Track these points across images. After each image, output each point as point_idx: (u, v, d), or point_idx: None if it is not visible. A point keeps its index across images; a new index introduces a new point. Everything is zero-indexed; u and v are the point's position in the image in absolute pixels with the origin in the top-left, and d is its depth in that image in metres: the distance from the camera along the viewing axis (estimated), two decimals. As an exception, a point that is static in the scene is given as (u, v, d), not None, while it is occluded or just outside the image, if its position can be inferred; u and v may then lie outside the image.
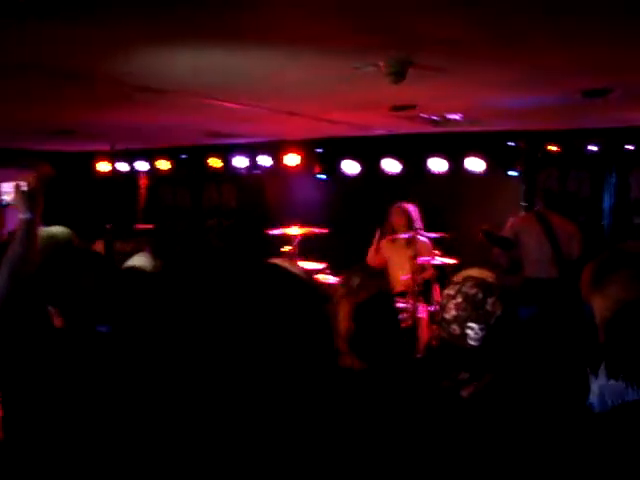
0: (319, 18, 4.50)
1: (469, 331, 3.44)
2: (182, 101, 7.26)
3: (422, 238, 8.91)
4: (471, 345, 3.45)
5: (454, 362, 3.45)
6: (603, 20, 4.54)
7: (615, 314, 2.95)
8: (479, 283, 3.50)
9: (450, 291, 3.60)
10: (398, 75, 5.27)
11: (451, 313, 3.52)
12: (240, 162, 11.57)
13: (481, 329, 3.42)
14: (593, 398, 3.06)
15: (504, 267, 8.72)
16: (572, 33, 4.85)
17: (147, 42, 5.12)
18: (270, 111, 7.97)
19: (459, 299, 3.49)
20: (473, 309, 3.44)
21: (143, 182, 12.73)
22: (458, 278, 3.59)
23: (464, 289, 3.51)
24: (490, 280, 3.52)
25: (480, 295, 3.44)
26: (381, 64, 5.30)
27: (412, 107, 7.64)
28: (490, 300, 3.41)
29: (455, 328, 3.47)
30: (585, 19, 4.52)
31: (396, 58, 5.21)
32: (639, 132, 9.60)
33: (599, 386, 3.09)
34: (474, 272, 3.71)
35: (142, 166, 12.22)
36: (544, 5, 4.20)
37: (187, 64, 5.79)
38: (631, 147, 9.66)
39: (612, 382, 3.08)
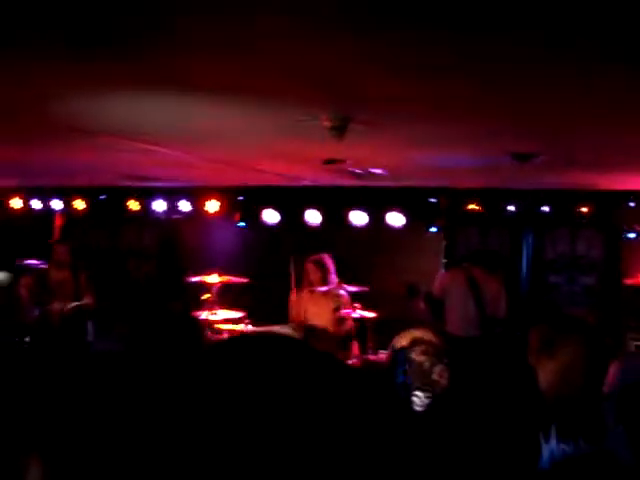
0: (263, 71, 4.49)
1: (415, 398, 3.42)
2: (110, 142, 7.13)
3: (341, 291, 8.89)
4: (415, 410, 3.43)
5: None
6: (539, 87, 4.66)
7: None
8: (427, 350, 3.48)
9: (397, 355, 3.58)
10: (340, 130, 5.30)
11: (398, 379, 3.49)
12: (159, 206, 11.41)
13: (427, 397, 3.40)
14: (544, 462, 3.09)
15: (426, 321, 8.78)
16: (508, 96, 4.97)
17: (81, 85, 5.01)
18: (201, 159, 7.90)
19: (406, 366, 3.47)
20: (419, 377, 3.42)
21: (58, 221, 12.41)
22: (404, 341, 3.57)
23: (412, 356, 3.49)
24: (437, 344, 3.51)
25: (427, 364, 3.42)
26: (323, 118, 5.31)
27: (342, 161, 7.68)
28: (437, 369, 3.40)
29: (401, 393, 3.45)
30: (522, 87, 4.64)
31: (339, 113, 5.23)
32: (554, 195, 9.90)
33: (550, 450, 3.12)
34: (418, 333, 3.69)
35: (57, 205, 11.91)
36: (481, 69, 4.28)
37: (121, 108, 5.69)
38: (546, 209, 9.94)
39: (563, 445, 3.12)
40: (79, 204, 11.75)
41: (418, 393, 3.41)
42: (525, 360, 3.61)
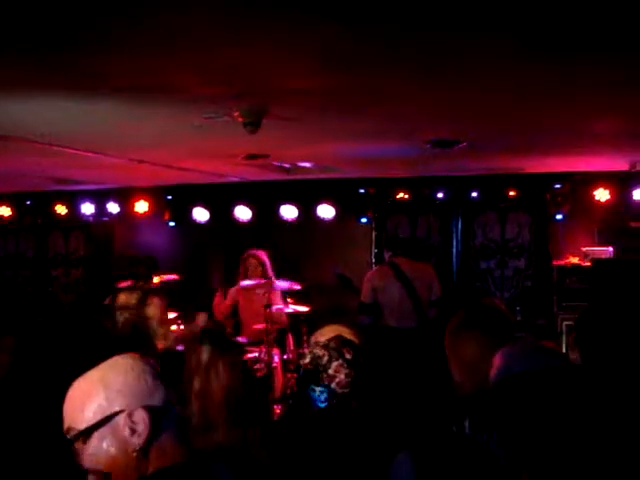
0: (171, 68, 4.42)
1: (312, 394, 3.38)
2: (26, 147, 6.98)
3: (274, 286, 8.84)
4: (318, 407, 3.39)
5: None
6: (454, 71, 4.65)
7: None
8: (327, 345, 3.44)
9: (305, 350, 3.56)
10: (253, 125, 5.24)
11: (299, 374, 3.47)
12: (88, 209, 11.24)
13: (321, 392, 3.36)
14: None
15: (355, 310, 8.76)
16: (423, 84, 4.96)
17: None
18: (119, 159, 7.77)
19: (307, 359, 3.44)
20: (316, 371, 3.38)
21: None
22: (319, 336, 3.54)
23: (315, 350, 3.46)
24: (348, 340, 3.47)
25: (326, 357, 3.38)
26: (236, 114, 5.25)
27: (265, 156, 7.62)
28: (335, 364, 3.36)
29: (302, 389, 3.42)
30: (437, 71, 4.62)
31: (251, 108, 5.17)
32: (482, 180, 9.97)
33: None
34: (334, 330, 3.65)
35: (-20, 212, 11.64)
36: (393, 60, 4.27)
37: (31, 111, 5.56)
38: (475, 194, 10.01)
39: (477, 437, 3.10)
40: (4, 211, 11.50)
41: (314, 387, 3.37)
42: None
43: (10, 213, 11.54)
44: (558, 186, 9.68)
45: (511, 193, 9.87)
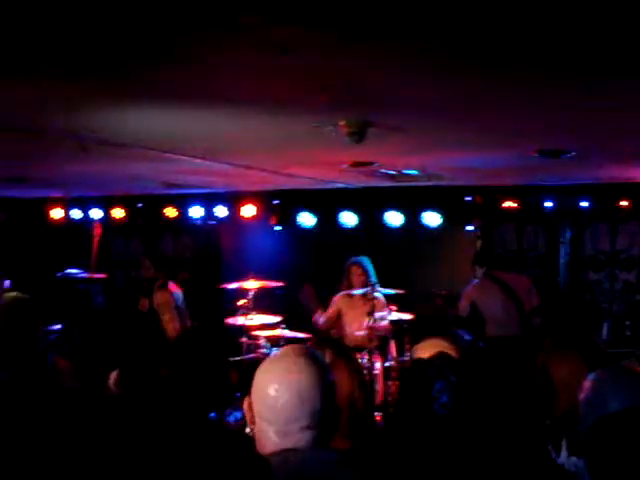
0: (276, 79, 4.47)
1: None
2: (137, 154, 7.19)
3: (377, 293, 8.85)
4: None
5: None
6: (560, 86, 4.58)
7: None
8: (432, 363, 3.41)
9: (426, 370, 3.52)
10: (358, 135, 5.26)
11: (441, 399, 3.44)
12: (196, 212, 11.46)
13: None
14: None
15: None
16: (531, 96, 4.88)
17: (102, 99, 5.05)
18: (228, 165, 7.92)
19: (443, 384, 3.42)
20: None
21: (97, 230, 12.50)
22: (426, 353, 3.51)
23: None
24: (453, 359, 3.44)
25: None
26: (341, 124, 5.28)
27: (370, 164, 7.64)
28: (438, 386, 3.33)
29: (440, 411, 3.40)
30: (544, 84, 4.55)
31: (356, 119, 5.19)
32: (593, 189, 9.73)
33: (561, 463, 3.05)
34: (440, 345, 3.62)
35: (96, 214, 12.00)
36: (504, 69, 4.22)
37: (143, 120, 5.73)
38: (585, 204, 9.76)
39: (574, 459, 3.05)
40: (118, 213, 11.84)
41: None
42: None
43: (123, 214, 11.86)
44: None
45: (623, 203, 9.58)
